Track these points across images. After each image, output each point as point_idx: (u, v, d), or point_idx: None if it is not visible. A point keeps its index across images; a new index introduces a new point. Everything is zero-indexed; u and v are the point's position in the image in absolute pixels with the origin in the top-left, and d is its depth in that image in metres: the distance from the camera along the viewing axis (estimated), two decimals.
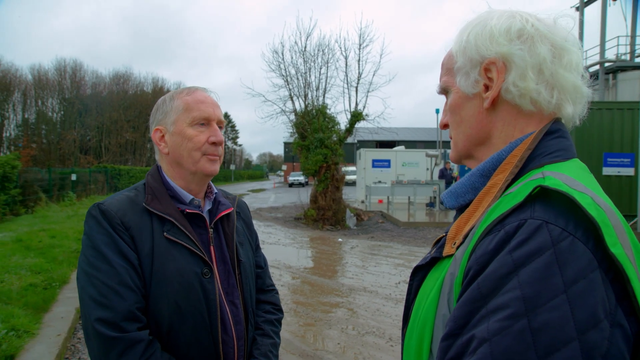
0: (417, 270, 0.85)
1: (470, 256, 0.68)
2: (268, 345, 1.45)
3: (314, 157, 14.05)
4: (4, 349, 3.78)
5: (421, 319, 0.77)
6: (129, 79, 54.38)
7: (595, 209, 0.62)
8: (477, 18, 0.85)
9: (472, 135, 0.86)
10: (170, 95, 1.39)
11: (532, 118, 0.80)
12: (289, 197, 26.55)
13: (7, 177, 13.00)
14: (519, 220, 0.63)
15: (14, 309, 4.70)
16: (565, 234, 0.60)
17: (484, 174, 0.81)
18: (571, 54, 0.79)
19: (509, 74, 0.78)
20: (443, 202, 0.89)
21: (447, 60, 0.90)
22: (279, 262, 8.59)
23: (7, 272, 6.22)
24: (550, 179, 0.66)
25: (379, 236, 11.90)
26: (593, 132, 11.91)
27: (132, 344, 1.13)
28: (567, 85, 0.78)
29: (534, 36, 0.78)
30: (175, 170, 1.37)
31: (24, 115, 47.10)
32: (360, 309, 5.69)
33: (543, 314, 0.57)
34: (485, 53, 0.80)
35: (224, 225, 1.43)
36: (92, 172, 24.33)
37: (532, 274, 0.59)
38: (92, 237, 1.21)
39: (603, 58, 22.75)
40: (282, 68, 15.27)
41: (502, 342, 0.57)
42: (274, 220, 15.64)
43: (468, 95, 0.85)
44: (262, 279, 1.61)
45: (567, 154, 0.77)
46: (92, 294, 1.16)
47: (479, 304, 0.62)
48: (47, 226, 10.88)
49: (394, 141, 37.19)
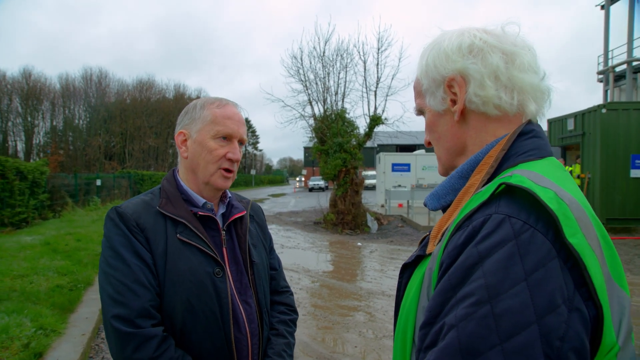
0: (405, 268, 0.89)
1: (444, 251, 0.73)
2: (282, 344, 1.48)
3: (333, 161, 14.07)
4: (33, 347, 3.92)
5: (405, 312, 0.82)
6: (151, 86, 55.61)
7: (557, 203, 0.66)
8: (432, 42, 0.93)
9: (451, 148, 0.92)
10: (202, 103, 1.43)
11: (501, 121, 0.86)
12: (308, 201, 26.61)
13: (37, 183, 13.44)
14: (484, 216, 0.69)
15: (42, 309, 4.87)
16: (526, 227, 0.65)
17: (462, 176, 0.87)
18: (522, 57, 0.84)
19: (469, 86, 0.85)
20: (426, 205, 0.94)
21: (416, 85, 0.98)
22: (298, 265, 8.63)
23: (36, 273, 6.44)
24: (517, 176, 0.71)
25: (399, 240, 11.83)
26: (620, 133, 11.58)
27: (147, 339, 1.19)
28: (524, 85, 0.84)
29: (483, 48, 0.85)
30: (190, 177, 1.43)
31: (52, 123, 48.65)
32: (378, 313, 5.67)
33: (505, 301, 0.61)
34: (444, 72, 0.88)
35: (236, 227, 1.48)
36: (116, 177, 24.95)
37: (495, 264, 0.63)
38: (110, 239, 1.28)
39: (631, 57, 22.15)
40: (301, 73, 15.38)
41: (468, 327, 0.62)
42: (294, 224, 15.70)
43: (439, 113, 0.91)
44: (277, 281, 1.65)
45: (540, 153, 0.81)
46: (109, 292, 1.22)
47: (449, 294, 0.67)
48: (73, 230, 11.21)
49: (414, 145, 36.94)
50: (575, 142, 13.14)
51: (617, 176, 11.66)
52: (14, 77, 46.09)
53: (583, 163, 12.64)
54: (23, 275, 6.32)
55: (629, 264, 8.29)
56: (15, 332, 4.13)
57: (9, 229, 11.32)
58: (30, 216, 12.82)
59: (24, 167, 12.59)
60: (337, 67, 15.38)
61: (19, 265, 6.90)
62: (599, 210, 11.72)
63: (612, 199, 11.70)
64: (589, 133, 12.23)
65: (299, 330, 5.07)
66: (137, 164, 48.36)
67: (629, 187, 11.62)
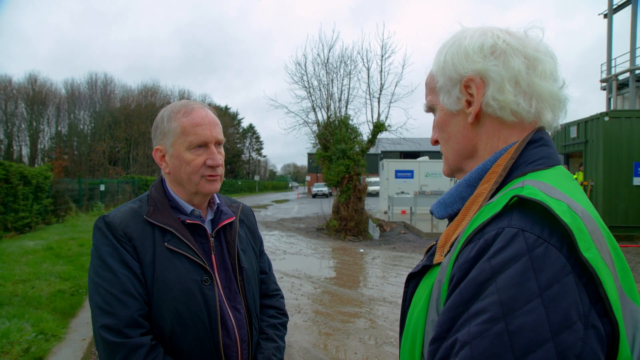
0: (410, 278, 0.88)
1: (455, 263, 0.71)
2: (271, 349, 1.49)
3: (336, 167, 14.08)
4: (34, 352, 3.93)
5: (413, 324, 0.80)
6: (156, 92, 56.04)
7: (570, 216, 0.64)
8: (452, 38, 0.89)
9: (460, 150, 0.89)
10: (167, 114, 1.38)
11: (514, 128, 0.83)
12: (311, 207, 26.60)
13: (40, 188, 13.51)
14: (497, 229, 0.67)
15: (43, 314, 4.89)
16: (540, 241, 0.63)
17: (470, 184, 0.85)
18: (544, 63, 0.82)
19: (488, 89, 0.82)
20: (432, 212, 0.92)
21: (430, 80, 0.94)
22: (300, 272, 8.62)
23: (38, 278, 6.47)
24: (529, 188, 0.69)
25: (401, 247, 11.81)
26: (623, 141, 11.54)
27: (135, 348, 1.19)
28: (544, 93, 0.81)
29: (506, 51, 0.82)
30: (177, 188, 1.42)
31: (57, 128, 48.98)
32: (379, 319, 5.65)
33: (519, 317, 0.59)
34: (463, 71, 0.84)
35: (226, 233, 1.48)
36: (120, 182, 25.00)
37: (509, 280, 0.61)
38: (98, 248, 1.28)
39: (634, 65, 22.13)
40: (304, 80, 15.42)
41: (482, 345, 0.61)
42: (297, 230, 15.69)
43: (452, 112, 0.88)
44: (267, 284, 1.65)
45: (549, 162, 0.80)
46: (97, 301, 1.22)
47: (461, 309, 0.65)
48: (76, 235, 11.25)
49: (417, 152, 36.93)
50: (578, 149, 13.11)
51: (619, 184, 11.62)
52: (19, 82, 46.63)
53: (586, 171, 12.61)
54: (25, 280, 6.35)
55: (632, 272, 8.23)
56: (15, 336, 4.15)
57: (12, 234, 11.36)
58: (33, 221, 12.88)
59: (28, 172, 12.66)
60: (340, 74, 15.42)
61: (21, 270, 6.93)
62: (602, 218, 11.61)
63: (615, 206, 11.65)
64: (591, 141, 12.20)
65: (300, 336, 5.11)
66: (141, 169, 48.53)
67: (632, 194, 11.57)
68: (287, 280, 7.81)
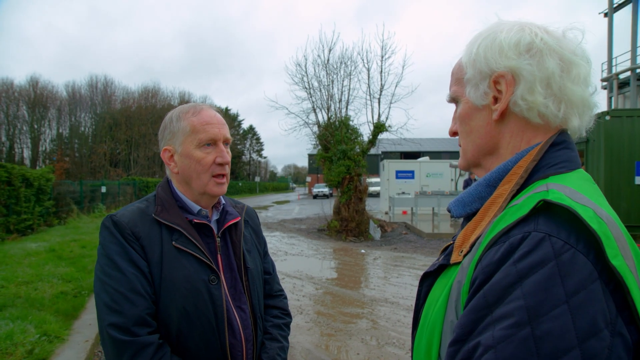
0: (425, 277, 0.87)
1: (477, 265, 0.70)
2: (276, 349, 1.50)
3: (337, 168, 14.09)
4: (37, 353, 3.95)
5: (430, 324, 0.79)
6: (157, 94, 56.04)
7: (597, 222, 0.64)
8: (487, 30, 0.86)
9: (481, 145, 0.88)
10: (177, 114, 1.42)
11: (539, 130, 0.82)
12: (312, 208, 26.60)
13: (42, 190, 13.53)
14: (523, 233, 0.66)
15: (46, 315, 4.90)
16: (567, 247, 0.63)
17: (490, 184, 0.83)
18: (579, 68, 0.80)
19: (518, 88, 0.80)
20: (450, 211, 0.90)
21: (457, 70, 0.91)
22: (302, 272, 8.62)
23: (41, 280, 6.48)
24: (554, 192, 0.69)
25: (402, 247, 11.80)
26: (624, 140, 11.53)
27: (143, 347, 1.20)
28: (575, 99, 0.80)
29: (542, 50, 0.79)
30: (185, 188, 1.43)
31: (58, 130, 49.05)
32: (381, 320, 5.66)
33: (545, 323, 0.59)
34: (495, 66, 0.82)
35: (231, 234, 1.49)
36: (121, 184, 25.07)
37: (535, 285, 0.61)
38: (106, 247, 1.29)
39: (635, 64, 22.11)
40: (305, 81, 15.44)
41: (507, 349, 0.60)
42: (298, 231, 15.70)
43: (477, 107, 0.86)
44: (270, 285, 1.66)
45: (571, 165, 0.79)
46: (105, 300, 1.23)
47: (484, 312, 0.65)
48: (78, 237, 11.27)
49: (418, 152, 36.90)
50: (580, 149, 13.10)
51: (621, 183, 11.62)
52: (21, 85, 46.68)
53: (587, 170, 12.58)
54: (28, 282, 6.36)
55: None
56: (19, 338, 4.16)
57: (15, 236, 11.39)
58: (35, 223, 12.89)
59: (30, 174, 12.69)
60: (341, 75, 15.43)
61: (24, 272, 6.94)
62: None
63: (617, 206, 11.64)
64: (593, 140, 12.20)
65: (302, 337, 5.11)
66: (142, 171, 48.57)
67: (634, 194, 11.57)
68: (288, 281, 7.82)
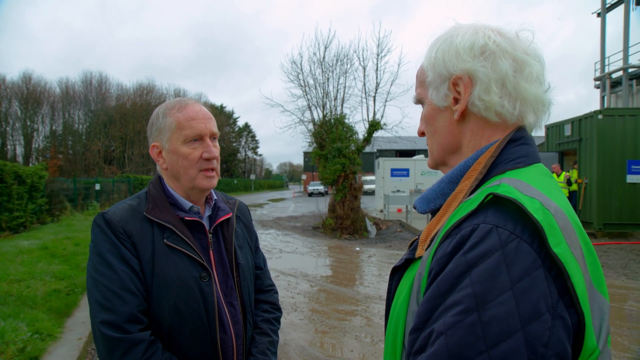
0: (395, 271, 0.90)
1: (433, 257, 0.74)
2: (265, 343, 1.51)
3: (332, 166, 14.09)
4: (29, 351, 3.92)
5: (395, 315, 0.83)
6: (151, 91, 55.76)
7: (542, 213, 0.68)
8: (445, 34, 0.91)
9: (445, 145, 0.92)
10: (162, 111, 1.42)
11: (497, 128, 0.86)
12: (307, 206, 26.60)
13: (35, 187, 13.44)
14: (472, 225, 0.70)
15: (39, 313, 4.87)
16: (512, 237, 0.67)
17: (452, 181, 0.87)
18: (532, 67, 0.84)
19: (475, 89, 0.84)
20: (415, 207, 0.95)
21: (420, 74, 0.96)
22: (296, 270, 8.63)
23: (33, 277, 6.45)
24: (504, 186, 0.72)
25: (397, 245, 11.83)
26: (616, 139, 11.64)
27: (134, 344, 1.21)
28: (529, 96, 0.84)
29: (495, 52, 0.83)
30: (175, 184, 1.44)
31: (51, 127, 48.69)
32: (375, 317, 5.68)
33: (492, 309, 0.63)
34: (452, 69, 0.86)
35: (223, 229, 1.49)
36: (115, 181, 24.90)
37: (483, 273, 0.65)
38: (97, 245, 1.29)
39: (626, 64, 22.25)
40: (300, 79, 15.40)
41: (456, 334, 0.64)
42: (293, 229, 15.70)
43: (440, 108, 0.91)
44: (261, 280, 1.67)
45: (528, 160, 0.83)
46: (97, 297, 1.23)
47: (438, 301, 0.69)
48: (72, 234, 11.20)
49: (413, 150, 37.01)
50: (573, 147, 13.19)
51: (613, 181, 11.73)
52: (13, 81, 46.26)
53: (580, 168, 12.69)
54: (20, 279, 6.32)
55: (625, 268, 8.30)
56: (10, 336, 4.13)
57: (7, 233, 11.31)
58: (28, 220, 12.81)
59: (23, 171, 12.60)
60: (336, 73, 15.40)
61: (16, 269, 6.90)
62: (596, 215, 11.76)
63: (608, 204, 11.74)
64: (585, 139, 12.29)
65: (297, 334, 5.13)
66: (137, 168, 48.35)
67: (625, 192, 11.67)
68: (283, 279, 7.82)
